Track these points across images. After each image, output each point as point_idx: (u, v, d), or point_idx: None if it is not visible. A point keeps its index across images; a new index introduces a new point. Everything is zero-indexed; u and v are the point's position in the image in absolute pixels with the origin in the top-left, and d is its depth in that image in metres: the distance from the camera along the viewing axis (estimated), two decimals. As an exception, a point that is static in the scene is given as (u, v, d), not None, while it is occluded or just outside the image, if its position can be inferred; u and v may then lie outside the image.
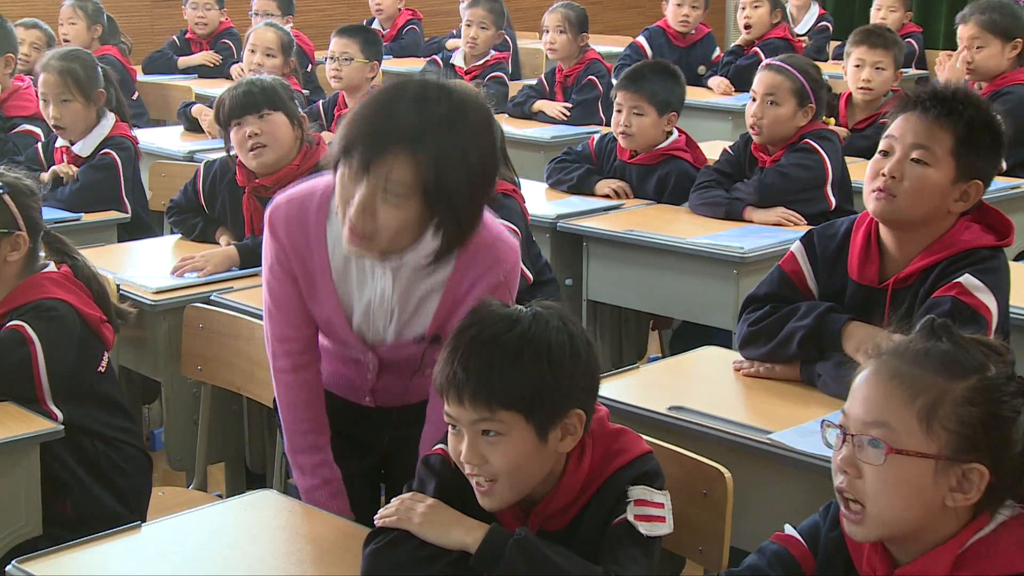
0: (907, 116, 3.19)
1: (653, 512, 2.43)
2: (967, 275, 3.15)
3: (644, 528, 2.40)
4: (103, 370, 3.60)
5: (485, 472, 2.38)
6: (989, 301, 3.15)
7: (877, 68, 5.85)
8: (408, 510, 2.44)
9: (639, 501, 2.42)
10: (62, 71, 5.27)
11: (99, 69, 5.43)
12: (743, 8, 8.50)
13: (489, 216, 2.95)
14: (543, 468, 2.43)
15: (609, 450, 2.50)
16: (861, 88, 5.98)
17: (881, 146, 3.22)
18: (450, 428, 2.43)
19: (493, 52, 7.88)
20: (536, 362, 2.36)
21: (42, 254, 3.64)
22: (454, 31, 9.38)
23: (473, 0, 8.04)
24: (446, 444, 2.49)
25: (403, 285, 2.97)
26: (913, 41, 8.74)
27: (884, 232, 3.29)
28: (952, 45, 6.52)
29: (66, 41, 6.94)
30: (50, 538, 3.11)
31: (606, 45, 8.49)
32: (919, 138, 3.15)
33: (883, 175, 3.16)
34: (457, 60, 7.88)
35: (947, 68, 6.18)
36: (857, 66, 5.92)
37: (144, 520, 2.76)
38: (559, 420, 2.38)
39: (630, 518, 2.41)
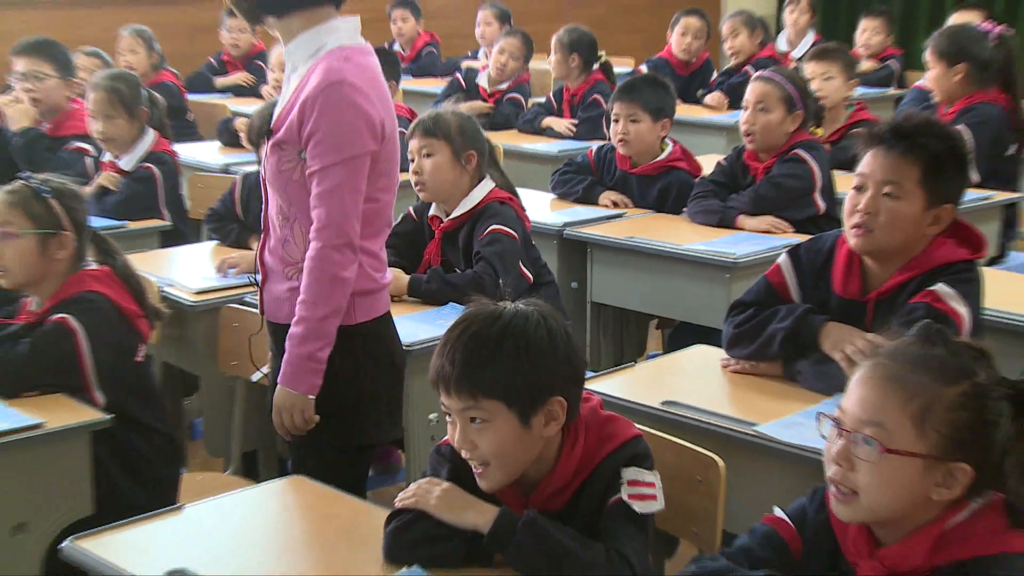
0: (875, 152, 3.22)
1: (645, 491, 2.47)
2: (941, 284, 3.19)
3: (638, 506, 2.44)
4: (140, 360, 3.65)
5: (476, 457, 2.44)
6: (961, 308, 3.17)
7: (826, 78, 5.87)
8: (426, 493, 2.48)
9: (632, 481, 2.46)
10: (109, 89, 5.31)
11: (142, 89, 5.47)
12: (726, 40, 8.63)
13: (356, 65, 3.08)
14: (530, 452, 2.47)
15: (601, 435, 2.54)
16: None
17: (855, 182, 3.26)
18: (447, 419, 2.48)
19: (519, 76, 7.93)
20: (515, 354, 2.41)
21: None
22: (469, 52, 9.41)
23: (512, 31, 8.13)
24: None
25: (286, 86, 3.20)
26: (895, 62, 8.76)
27: None
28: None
29: (128, 68, 6.94)
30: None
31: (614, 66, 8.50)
32: (888, 174, 3.19)
33: (859, 211, 3.20)
34: (482, 81, 7.91)
35: None
36: (811, 79, 5.93)
37: (175, 504, 2.78)
38: (540, 407, 2.43)
39: (624, 497, 2.45)
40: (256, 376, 3.55)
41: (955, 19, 7.66)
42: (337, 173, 2.97)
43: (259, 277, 3.30)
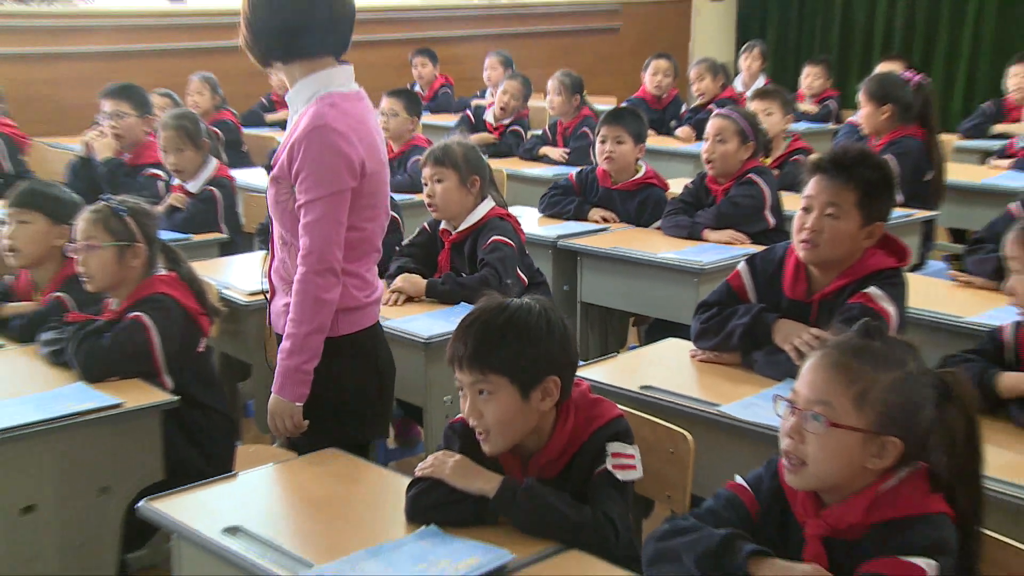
0: (819, 178, 3.25)
1: (627, 462, 2.51)
2: (873, 287, 3.21)
3: (620, 475, 2.48)
4: (202, 350, 3.64)
5: (482, 425, 2.48)
6: (890, 308, 3.19)
7: (767, 114, 5.87)
8: (441, 463, 2.50)
9: (615, 454, 2.50)
10: (176, 127, 5.33)
11: (201, 125, 5.49)
12: (693, 83, 8.60)
13: (340, 111, 3.00)
14: (527, 422, 2.50)
15: (589, 414, 2.56)
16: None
17: (802, 203, 3.28)
18: (460, 393, 2.53)
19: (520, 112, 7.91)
20: (518, 338, 2.47)
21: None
22: (478, 92, 9.40)
23: (513, 75, 8.11)
24: None
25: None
26: (832, 102, 8.76)
27: None
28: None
29: (195, 107, 6.95)
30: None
31: (598, 102, 8.49)
32: (830, 197, 3.21)
33: (806, 229, 3.23)
34: (488, 117, 7.88)
35: None
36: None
37: (231, 472, 2.79)
38: (538, 384, 2.47)
39: (609, 467, 2.48)
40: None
41: (881, 67, 7.69)
42: (320, 207, 2.93)
43: (267, 292, 3.27)
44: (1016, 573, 2.21)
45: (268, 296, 3.24)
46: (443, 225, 4.35)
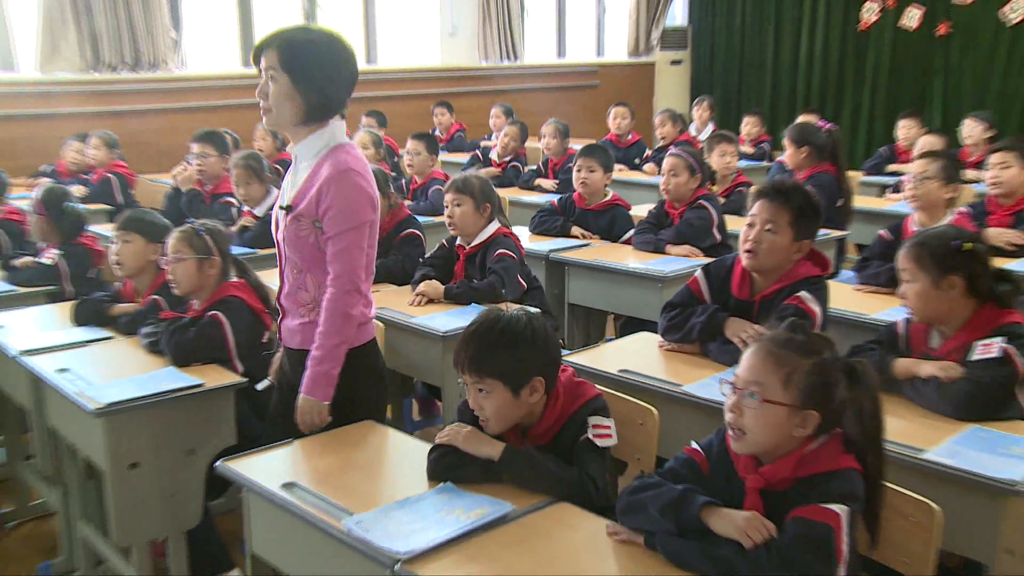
0: (761, 202, 3.27)
1: (604, 432, 2.51)
2: (803, 291, 3.23)
3: (599, 442, 2.49)
4: (265, 342, 3.63)
5: (483, 415, 2.50)
6: (815, 308, 3.21)
7: (722, 155, 6.06)
8: (456, 433, 2.52)
9: (595, 425, 2.50)
10: (245, 166, 5.37)
11: (264, 162, 5.52)
12: (657, 129, 8.60)
13: (354, 157, 2.90)
14: (519, 413, 2.51)
15: (574, 394, 2.57)
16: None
17: (747, 221, 3.29)
18: (465, 388, 2.54)
19: (517, 151, 7.89)
20: (508, 348, 2.47)
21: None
22: (485, 136, 9.38)
23: (513, 122, 8.10)
24: None
25: (295, 174, 2.94)
26: (766, 145, 8.76)
27: None
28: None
29: (260, 150, 6.96)
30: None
31: (579, 145, 8.47)
32: (769, 216, 3.23)
33: (750, 240, 3.25)
34: (493, 155, 7.87)
35: None
36: (712, 154, 6.11)
37: (289, 438, 2.78)
38: (526, 383, 2.48)
39: (590, 436, 2.48)
40: (261, 385, 3.29)
41: (802, 118, 7.77)
42: (349, 237, 2.82)
43: (279, 314, 3.08)
44: (907, 513, 2.23)
45: (279, 318, 3.06)
46: (458, 241, 4.34)
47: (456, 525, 2.19)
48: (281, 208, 2.90)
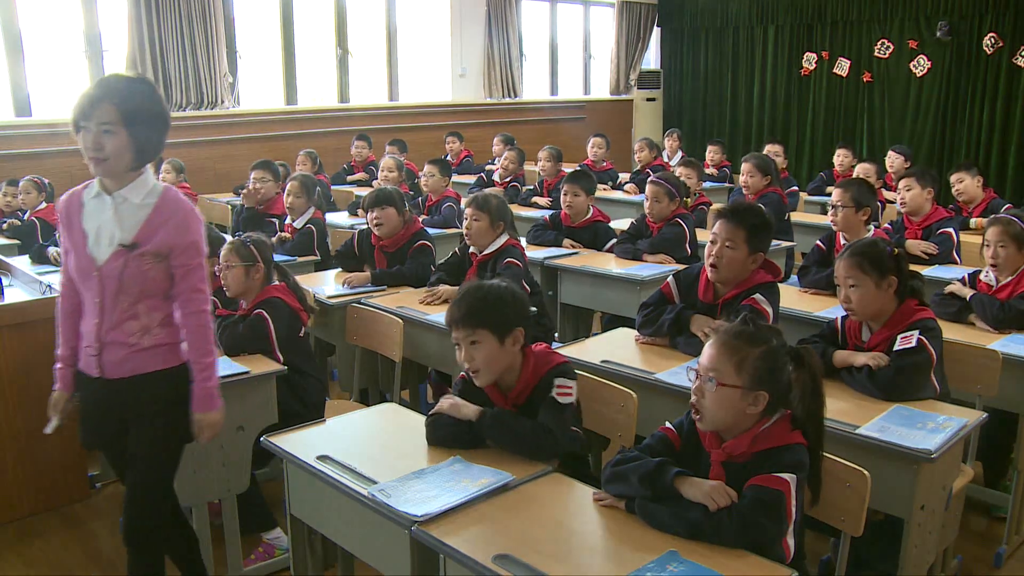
0: (721, 222, 3.25)
1: (565, 391, 2.51)
2: (758, 294, 3.23)
3: (561, 399, 2.49)
4: (302, 336, 3.60)
5: (474, 365, 2.50)
6: (768, 308, 3.20)
7: (688, 177, 5.94)
8: (444, 403, 2.54)
9: (559, 385, 2.51)
10: (302, 183, 5.37)
11: (315, 182, 5.52)
12: (636, 154, 8.53)
13: (184, 197, 2.54)
14: (504, 361, 2.52)
15: (544, 361, 2.57)
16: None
17: (710, 239, 3.28)
18: (456, 347, 2.53)
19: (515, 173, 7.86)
20: (493, 304, 2.51)
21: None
22: (491, 160, 9.32)
23: (512, 148, 8.05)
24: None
25: (121, 215, 2.46)
26: (727, 169, 8.70)
27: None
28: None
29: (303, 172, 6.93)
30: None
31: (570, 168, 8.42)
32: (728, 235, 3.22)
33: (713, 256, 3.24)
34: (495, 177, 7.83)
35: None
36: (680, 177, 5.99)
37: (322, 418, 2.75)
38: (509, 333, 2.50)
39: (554, 395, 2.49)
40: (48, 428, 2.61)
41: (768, 148, 7.68)
42: (198, 264, 2.49)
43: (96, 349, 2.51)
44: (844, 479, 2.24)
45: (97, 352, 2.51)
46: (471, 250, 4.28)
47: (464, 492, 2.17)
48: (122, 246, 2.45)
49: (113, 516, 3.83)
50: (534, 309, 4.02)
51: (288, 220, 5.42)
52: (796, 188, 7.25)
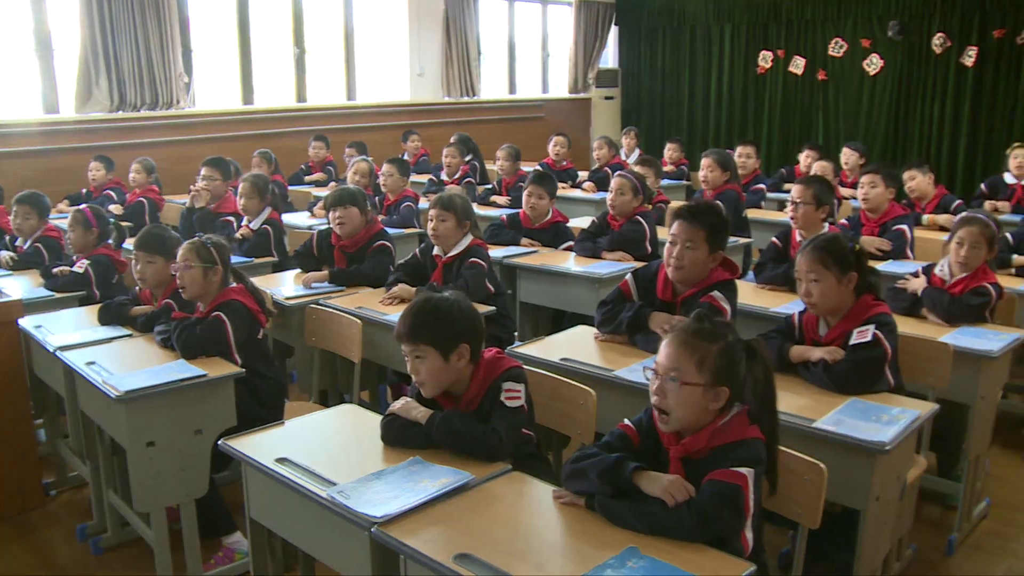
0: (679, 222, 3.27)
1: (514, 395, 2.51)
2: (716, 291, 3.25)
3: (509, 403, 2.49)
4: (261, 338, 3.55)
5: (419, 379, 2.50)
6: (726, 305, 3.23)
7: (646, 176, 5.89)
8: (398, 405, 2.54)
9: (507, 389, 2.50)
10: (253, 183, 5.30)
11: (269, 185, 5.42)
12: (594, 152, 8.55)
13: None
14: (449, 376, 2.51)
15: (495, 366, 2.56)
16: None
17: (669, 240, 3.29)
18: (406, 358, 2.53)
19: (462, 168, 7.80)
20: (437, 320, 2.49)
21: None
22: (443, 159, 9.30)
23: (450, 143, 7.99)
24: None
25: None
26: (685, 167, 8.76)
27: None
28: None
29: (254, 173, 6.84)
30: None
31: (529, 166, 8.43)
32: (687, 235, 3.23)
33: (674, 258, 3.25)
34: (443, 176, 7.78)
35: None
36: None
37: (281, 420, 2.72)
38: (453, 350, 2.48)
39: (503, 399, 2.48)
40: None
41: (739, 148, 7.51)
42: None
43: None
44: (801, 472, 2.26)
45: None
46: (435, 251, 4.25)
47: (424, 493, 2.15)
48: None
49: (68, 524, 3.77)
50: (493, 308, 4.03)
51: (245, 221, 5.36)
52: (763, 187, 7.29)
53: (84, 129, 7.79)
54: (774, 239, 4.50)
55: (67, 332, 3.67)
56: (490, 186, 7.48)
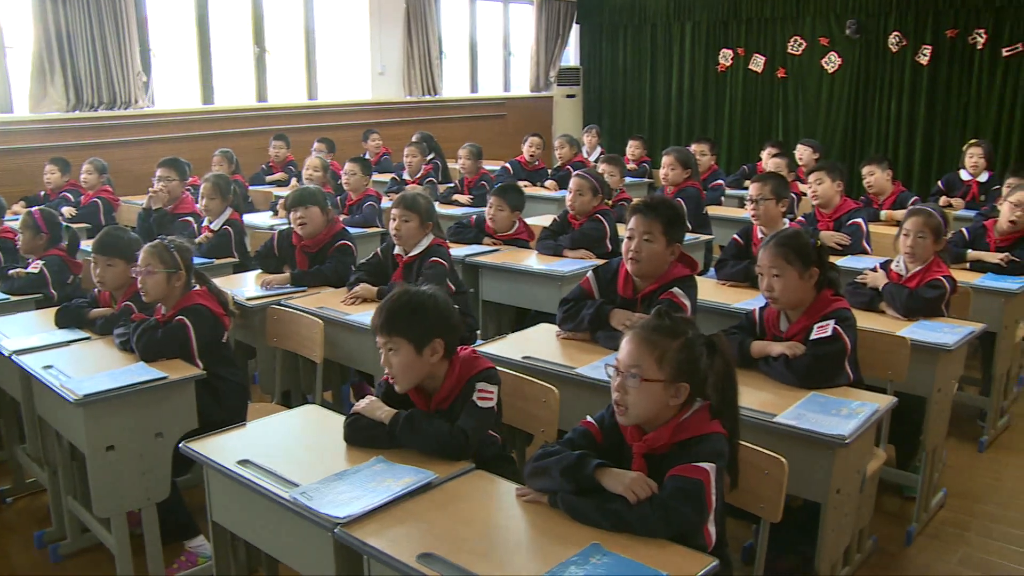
0: (637, 216, 3.28)
1: (486, 395, 2.50)
2: (675, 288, 3.26)
3: (480, 403, 2.48)
4: (224, 340, 3.51)
5: (391, 372, 2.49)
6: (686, 301, 3.24)
7: (610, 175, 5.94)
8: (362, 404, 2.52)
9: (480, 389, 2.49)
10: (214, 183, 5.25)
11: (230, 185, 5.37)
12: (556, 151, 8.52)
13: None
14: (422, 371, 2.50)
15: (469, 366, 2.55)
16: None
17: (627, 234, 3.30)
18: (380, 352, 2.51)
19: (424, 168, 7.80)
20: (412, 313, 2.48)
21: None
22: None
23: (412, 142, 7.97)
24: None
25: None
26: (647, 164, 8.81)
27: None
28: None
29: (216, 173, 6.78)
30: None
31: (491, 164, 8.42)
32: (644, 228, 3.24)
33: (632, 250, 3.26)
34: (405, 176, 7.77)
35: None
36: (603, 174, 5.96)
37: (243, 421, 2.70)
38: (427, 343, 2.47)
39: (474, 399, 2.47)
40: None
41: (694, 146, 7.58)
42: None
43: None
44: (763, 467, 2.29)
45: None
46: (397, 250, 4.23)
47: (387, 492, 2.14)
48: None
49: (25, 531, 3.71)
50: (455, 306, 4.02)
51: (205, 222, 5.30)
52: (722, 182, 7.34)
53: (39, 129, 7.67)
54: (735, 236, 4.54)
55: (24, 336, 3.61)
56: (452, 185, 7.48)
